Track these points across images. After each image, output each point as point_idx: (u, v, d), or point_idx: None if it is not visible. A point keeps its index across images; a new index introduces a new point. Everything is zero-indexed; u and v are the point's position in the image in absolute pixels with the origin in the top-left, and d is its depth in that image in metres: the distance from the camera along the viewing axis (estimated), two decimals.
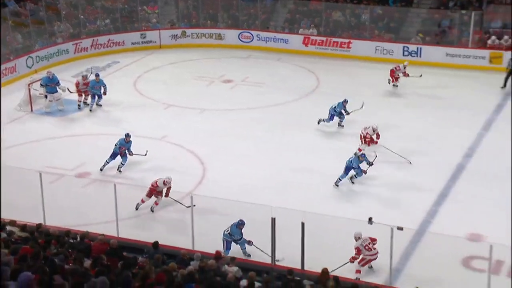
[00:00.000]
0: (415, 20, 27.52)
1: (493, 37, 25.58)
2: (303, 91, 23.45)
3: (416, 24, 27.44)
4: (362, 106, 20.07)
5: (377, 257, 13.00)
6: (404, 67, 22.57)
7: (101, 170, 17.48)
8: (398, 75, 22.62)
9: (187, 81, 24.76)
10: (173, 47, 28.38)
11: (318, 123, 20.04)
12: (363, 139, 18.10)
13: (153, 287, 9.68)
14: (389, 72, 22.87)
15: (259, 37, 28.29)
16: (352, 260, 12.97)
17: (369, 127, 18.00)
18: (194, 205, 13.52)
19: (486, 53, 25.29)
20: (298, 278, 11.04)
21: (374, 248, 12.96)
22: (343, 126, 19.93)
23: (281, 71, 25.74)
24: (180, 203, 15.36)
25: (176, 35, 28.76)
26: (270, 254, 12.89)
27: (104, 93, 21.70)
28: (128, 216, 15.11)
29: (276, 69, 25.97)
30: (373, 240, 12.95)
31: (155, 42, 28.50)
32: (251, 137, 19.65)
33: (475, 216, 15.14)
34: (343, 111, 19.77)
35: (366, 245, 12.92)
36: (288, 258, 12.92)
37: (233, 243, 13.61)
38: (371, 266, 13.23)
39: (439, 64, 25.38)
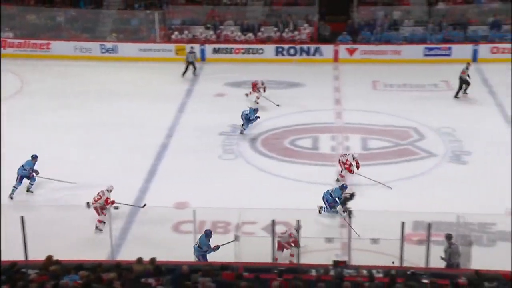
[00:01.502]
0: (107, 20, 28.75)
1: (176, 33, 28.04)
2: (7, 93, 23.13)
3: (109, 24, 28.69)
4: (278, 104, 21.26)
5: None
6: (262, 83, 22.38)
7: (11, 197, 16.17)
8: (259, 90, 22.33)
9: None
10: None
11: (241, 133, 19.95)
12: (342, 165, 16.89)
13: None
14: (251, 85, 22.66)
15: None
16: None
17: (348, 154, 17.05)
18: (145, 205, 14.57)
19: (172, 46, 27.49)
20: None
21: None
22: (244, 133, 19.88)
23: None
24: (133, 205, 15.30)
25: None
26: (233, 240, 12.92)
27: None
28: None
29: None
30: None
31: None
32: None
33: (180, 187, 16.76)
34: (251, 118, 19.68)
35: None
36: None
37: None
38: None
39: (134, 59, 26.91)
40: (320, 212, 15.15)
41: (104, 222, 14.47)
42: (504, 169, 17.50)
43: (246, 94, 22.75)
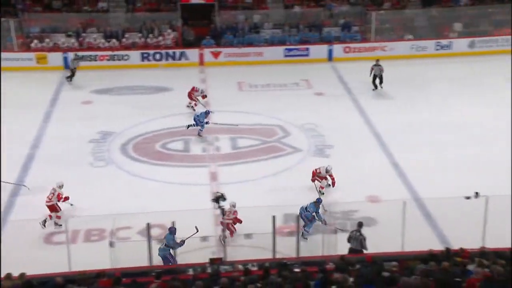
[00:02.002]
0: None
1: (36, 41, 26.95)
2: None
3: None
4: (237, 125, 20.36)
5: None
6: (202, 92, 21.95)
7: None
8: (196, 98, 21.89)
9: None
10: None
11: (187, 127, 19.81)
12: (324, 179, 16.49)
13: None
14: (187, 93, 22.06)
15: None
16: None
17: (322, 167, 16.62)
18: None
19: (31, 55, 26.43)
20: None
21: None
22: (201, 136, 19.76)
23: None
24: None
25: None
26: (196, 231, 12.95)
27: None
28: None
29: None
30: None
31: None
32: None
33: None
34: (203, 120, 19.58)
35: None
36: None
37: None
38: None
39: None
40: (304, 238, 14.31)
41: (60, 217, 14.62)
42: (363, 160, 18.47)
43: (188, 106, 22.10)
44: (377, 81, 23.89)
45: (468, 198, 13.16)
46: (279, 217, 13.30)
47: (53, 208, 14.94)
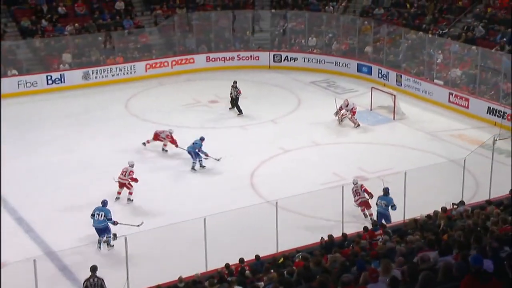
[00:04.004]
0: None
1: None
2: None
3: None
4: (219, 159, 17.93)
5: None
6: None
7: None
8: (163, 138, 18.90)
9: None
10: None
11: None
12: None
13: None
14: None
15: None
16: None
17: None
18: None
19: None
20: None
21: None
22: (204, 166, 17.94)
23: None
24: None
25: None
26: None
27: None
28: None
29: None
30: None
31: None
32: None
33: None
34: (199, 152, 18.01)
35: None
36: None
37: None
38: None
39: None
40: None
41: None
42: None
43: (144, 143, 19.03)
44: None
45: None
46: None
47: (125, 186, 16.05)
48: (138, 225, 13.73)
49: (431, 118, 21.45)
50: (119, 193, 16.01)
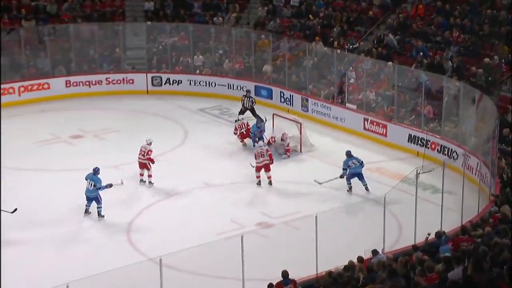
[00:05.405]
0: None
1: None
2: None
3: None
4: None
5: None
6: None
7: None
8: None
9: None
10: None
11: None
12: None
13: None
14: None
15: None
16: None
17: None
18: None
19: None
20: None
21: None
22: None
23: None
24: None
25: None
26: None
27: None
28: None
29: None
30: None
31: None
32: None
33: None
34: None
35: None
36: None
37: None
38: None
39: None
40: None
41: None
42: None
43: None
44: None
45: None
46: None
47: (145, 166, 19.07)
48: (122, 183, 17.53)
49: (344, 149, 22.14)
50: (141, 174, 19.22)
